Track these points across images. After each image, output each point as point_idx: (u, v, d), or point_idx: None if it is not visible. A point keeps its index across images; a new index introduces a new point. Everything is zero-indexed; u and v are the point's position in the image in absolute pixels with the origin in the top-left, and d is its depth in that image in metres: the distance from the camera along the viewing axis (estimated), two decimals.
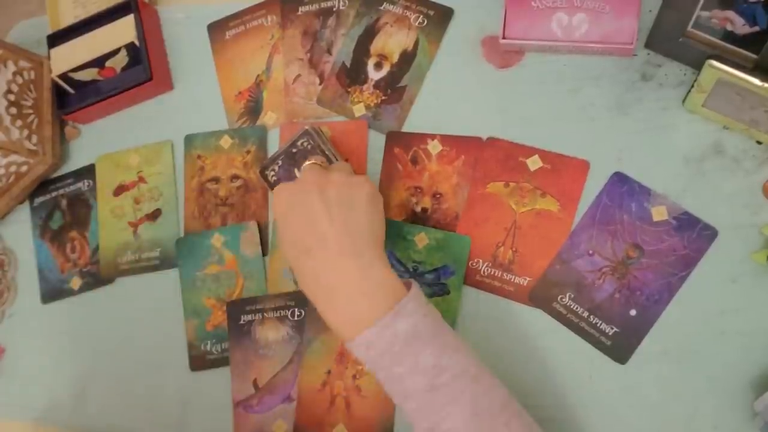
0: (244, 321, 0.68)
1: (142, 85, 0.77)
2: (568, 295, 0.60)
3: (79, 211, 0.79)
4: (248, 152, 0.74)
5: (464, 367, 0.46)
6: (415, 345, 0.45)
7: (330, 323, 0.49)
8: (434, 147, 0.67)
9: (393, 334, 0.45)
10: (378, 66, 0.71)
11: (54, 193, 0.81)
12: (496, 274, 0.62)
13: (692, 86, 0.58)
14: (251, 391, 0.66)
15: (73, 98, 0.80)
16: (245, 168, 0.73)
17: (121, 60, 0.78)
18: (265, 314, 0.67)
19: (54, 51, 0.80)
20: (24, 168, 0.77)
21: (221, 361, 0.69)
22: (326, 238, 0.49)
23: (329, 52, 0.74)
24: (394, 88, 0.70)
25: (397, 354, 0.45)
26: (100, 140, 0.81)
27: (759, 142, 0.58)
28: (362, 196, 0.52)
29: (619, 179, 0.61)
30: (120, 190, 0.78)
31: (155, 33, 0.81)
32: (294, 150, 0.66)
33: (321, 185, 0.51)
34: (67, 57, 0.79)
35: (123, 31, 0.77)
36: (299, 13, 0.76)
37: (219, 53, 0.79)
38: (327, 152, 0.65)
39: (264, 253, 0.70)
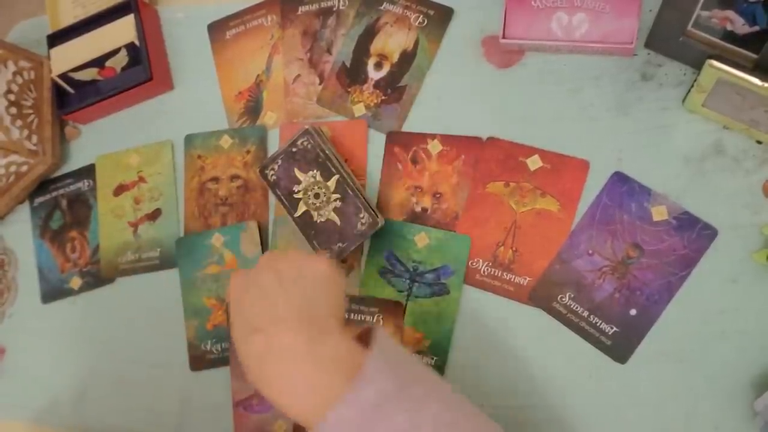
0: None
1: (142, 85, 0.77)
2: (568, 294, 0.60)
3: (79, 210, 0.79)
4: (248, 152, 0.74)
5: (438, 416, 0.42)
6: (386, 409, 0.40)
7: (290, 412, 0.42)
8: (434, 147, 0.67)
9: (360, 404, 0.40)
10: (378, 66, 0.71)
11: (54, 193, 0.81)
12: (496, 274, 0.62)
13: (692, 86, 0.58)
14: (251, 391, 0.66)
15: (73, 98, 0.80)
16: (245, 168, 0.73)
17: (121, 60, 0.78)
18: None
19: (54, 51, 0.80)
20: (24, 168, 0.77)
21: (221, 361, 0.69)
22: (277, 313, 0.44)
23: (329, 52, 0.74)
24: (394, 88, 0.70)
25: (370, 423, 0.40)
26: (100, 140, 0.81)
27: (759, 142, 0.58)
28: (317, 273, 0.47)
29: (619, 179, 0.61)
30: (120, 189, 0.78)
31: (155, 33, 0.81)
32: (294, 150, 0.66)
33: (275, 265, 0.47)
34: (67, 57, 0.79)
35: (123, 31, 0.77)
36: (299, 13, 0.76)
37: (219, 53, 0.79)
38: (327, 152, 0.65)
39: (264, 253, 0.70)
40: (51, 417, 0.74)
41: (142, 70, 0.77)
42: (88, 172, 0.80)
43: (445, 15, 0.71)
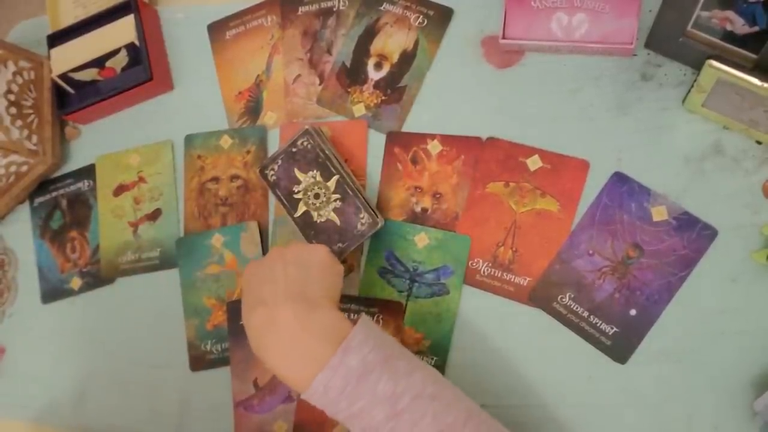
0: None
1: (142, 85, 0.77)
2: (568, 295, 0.60)
3: (79, 211, 0.79)
4: (248, 152, 0.74)
5: (421, 388, 0.46)
6: (370, 377, 0.46)
7: (284, 376, 0.49)
8: (434, 147, 0.67)
9: (346, 371, 0.46)
10: (378, 66, 0.71)
11: (54, 193, 0.81)
12: (496, 274, 0.62)
13: (692, 86, 0.58)
14: (252, 391, 0.66)
15: (73, 98, 0.80)
16: (245, 168, 0.73)
17: (121, 60, 0.79)
18: None
19: (54, 51, 0.80)
20: (24, 168, 0.77)
21: (221, 361, 0.69)
22: (278, 290, 0.51)
23: (329, 52, 0.74)
24: (394, 88, 0.70)
25: (355, 389, 0.45)
26: (100, 140, 0.81)
27: (758, 142, 0.58)
28: (316, 260, 0.55)
29: (619, 179, 0.61)
30: (120, 190, 0.78)
31: (155, 33, 0.81)
32: (294, 150, 0.66)
33: (281, 252, 0.55)
34: (67, 57, 0.79)
35: (123, 31, 0.78)
36: (299, 13, 0.76)
37: (219, 53, 0.79)
38: (327, 152, 0.65)
39: (264, 254, 0.70)
40: (51, 417, 0.74)
41: (142, 70, 0.77)
42: (88, 172, 0.80)
43: (445, 15, 0.71)
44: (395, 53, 0.71)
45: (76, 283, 0.77)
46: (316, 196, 0.65)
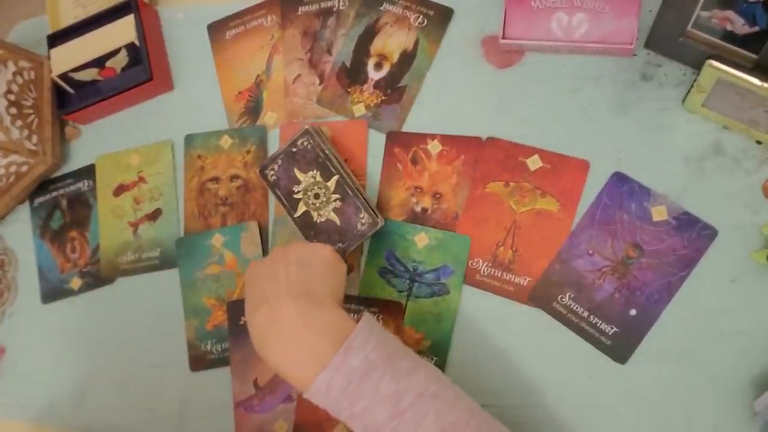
0: (244, 321, 0.68)
1: (143, 85, 0.77)
2: (568, 294, 0.60)
3: (79, 211, 0.79)
4: (248, 152, 0.74)
5: (423, 387, 0.46)
6: (373, 376, 0.46)
7: (286, 374, 0.49)
8: (434, 147, 0.67)
9: (348, 370, 0.46)
10: (378, 66, 0.71)
11: (54, 193, 0.81)
12: (496, 274, 0.62)
13: (692, 86, 0.58)
14: (252, 391, 0.66)
15: (73, 98, 0.80)
16: (245, 168, 0.73)
17: (121, 60, 0.79)
18: None
19: (54, 51, 0.80)
20: (24, 168, 0.77)
21: (221, 361, 0.69)
22: (281, 288, 0.51)
23: (329, 52, 0.74)
24: (394, 88, 0.70)
25: (357, 389, 0.45)
26: (100, 140, 0.81)
27: (758, 142, 0.58)
28: (319, 258, 0.55)
29: (619, 179, 0.61)
30: (120, 189, 0.78)
31: (155, 33, 0.81)
32: (294, 150, 0.66)
33: (284, 251, 0.56)
34: (67, 57, 0.79)
35: (123, 31, 0.78)
36: (299, 13, 0.76)
37: (219, 53, 0.79)
38: (327, 152, 0.65)
39: (264, 254, 0.70)
40: (51, 417, 0.74)
41: (142, 70, 0.77)
42: (88, 172, 0.80)
43: (445, 15, 0.71)
44: (395, 53, 0.71)
45: (76, 283, 0.77)
46: (316, 196, 0.65)
